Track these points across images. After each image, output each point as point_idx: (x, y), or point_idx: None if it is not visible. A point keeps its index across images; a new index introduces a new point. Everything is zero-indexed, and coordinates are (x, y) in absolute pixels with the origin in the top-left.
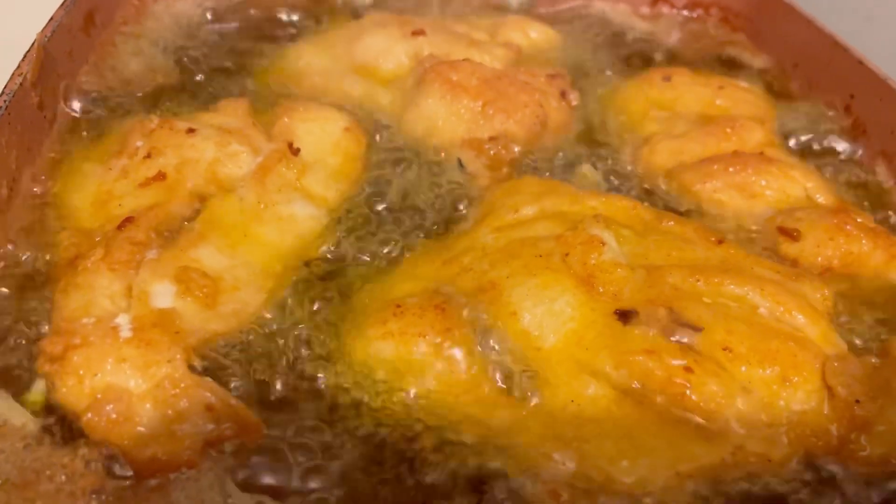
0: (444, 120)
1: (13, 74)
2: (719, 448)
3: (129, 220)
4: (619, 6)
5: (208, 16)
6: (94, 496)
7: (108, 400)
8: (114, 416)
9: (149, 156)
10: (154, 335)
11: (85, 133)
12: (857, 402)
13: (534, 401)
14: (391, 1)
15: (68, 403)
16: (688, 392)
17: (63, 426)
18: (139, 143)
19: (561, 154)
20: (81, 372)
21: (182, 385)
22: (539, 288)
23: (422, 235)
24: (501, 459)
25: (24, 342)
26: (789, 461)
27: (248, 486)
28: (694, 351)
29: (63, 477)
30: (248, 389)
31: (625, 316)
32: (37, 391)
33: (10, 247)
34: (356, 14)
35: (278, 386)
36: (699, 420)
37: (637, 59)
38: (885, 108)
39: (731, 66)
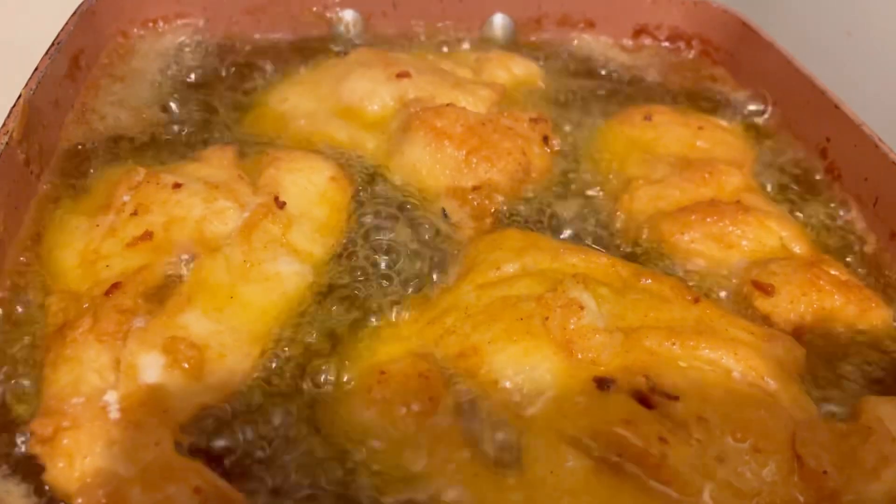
0: (428, 169)
1: None
2: None
3: (116, 287)
4: (601, 38)
5: (194, 54)
6: None
7: (98, 484)
8: (104, 501)
9: (135, 213)
10: (142, 416)
11: (72, 185)
12: (825, 472)
13: (515, 472)
14: (376, 36)
15: (59, 486)
16: (662, 463)
17: None
18: (126, 198)
19: (542, 202)
20: (72, 454)
21: (170, 469)
22: (520, 355)
23: (407, 289)
24: None
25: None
26: None
27: None
28: (669, 420)
29: None
30: (235, 461)
31: (603, 384)
32: None
33: None
34: (342, 52)
35: (264, 455)
36: (673, 492)
37: (619, 92)
38: (859, 155)
39: (711, 101)
